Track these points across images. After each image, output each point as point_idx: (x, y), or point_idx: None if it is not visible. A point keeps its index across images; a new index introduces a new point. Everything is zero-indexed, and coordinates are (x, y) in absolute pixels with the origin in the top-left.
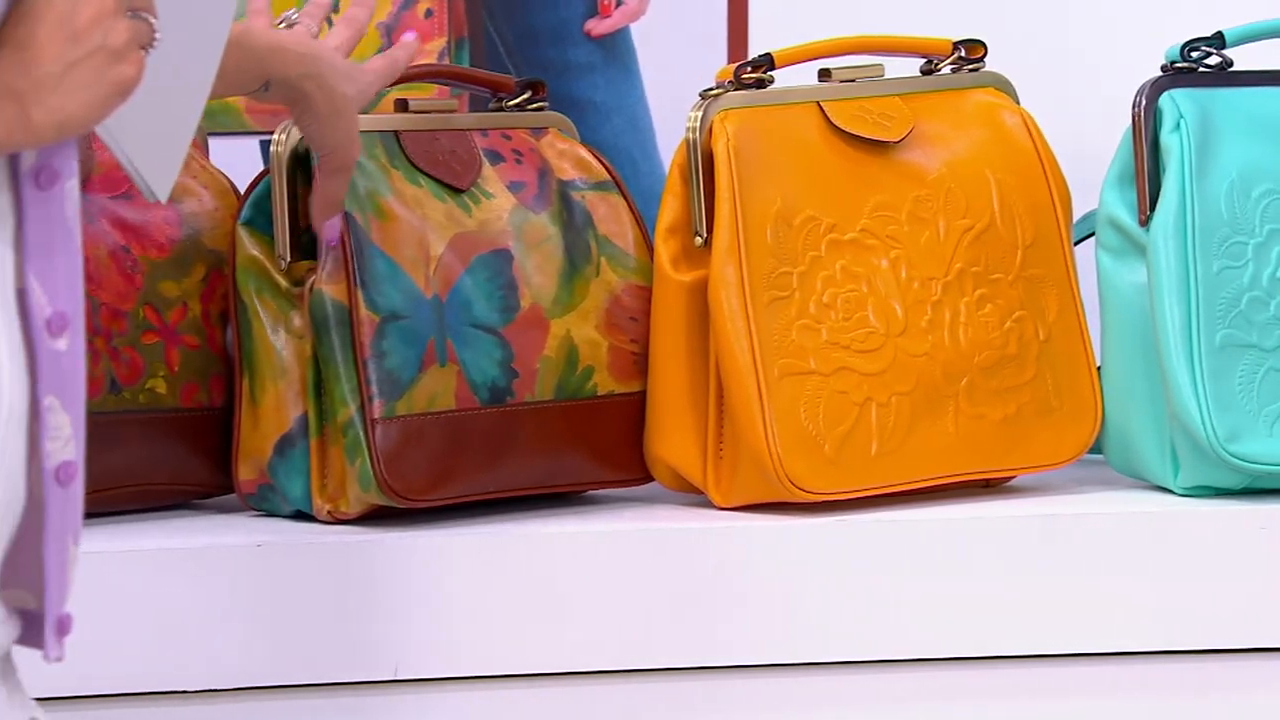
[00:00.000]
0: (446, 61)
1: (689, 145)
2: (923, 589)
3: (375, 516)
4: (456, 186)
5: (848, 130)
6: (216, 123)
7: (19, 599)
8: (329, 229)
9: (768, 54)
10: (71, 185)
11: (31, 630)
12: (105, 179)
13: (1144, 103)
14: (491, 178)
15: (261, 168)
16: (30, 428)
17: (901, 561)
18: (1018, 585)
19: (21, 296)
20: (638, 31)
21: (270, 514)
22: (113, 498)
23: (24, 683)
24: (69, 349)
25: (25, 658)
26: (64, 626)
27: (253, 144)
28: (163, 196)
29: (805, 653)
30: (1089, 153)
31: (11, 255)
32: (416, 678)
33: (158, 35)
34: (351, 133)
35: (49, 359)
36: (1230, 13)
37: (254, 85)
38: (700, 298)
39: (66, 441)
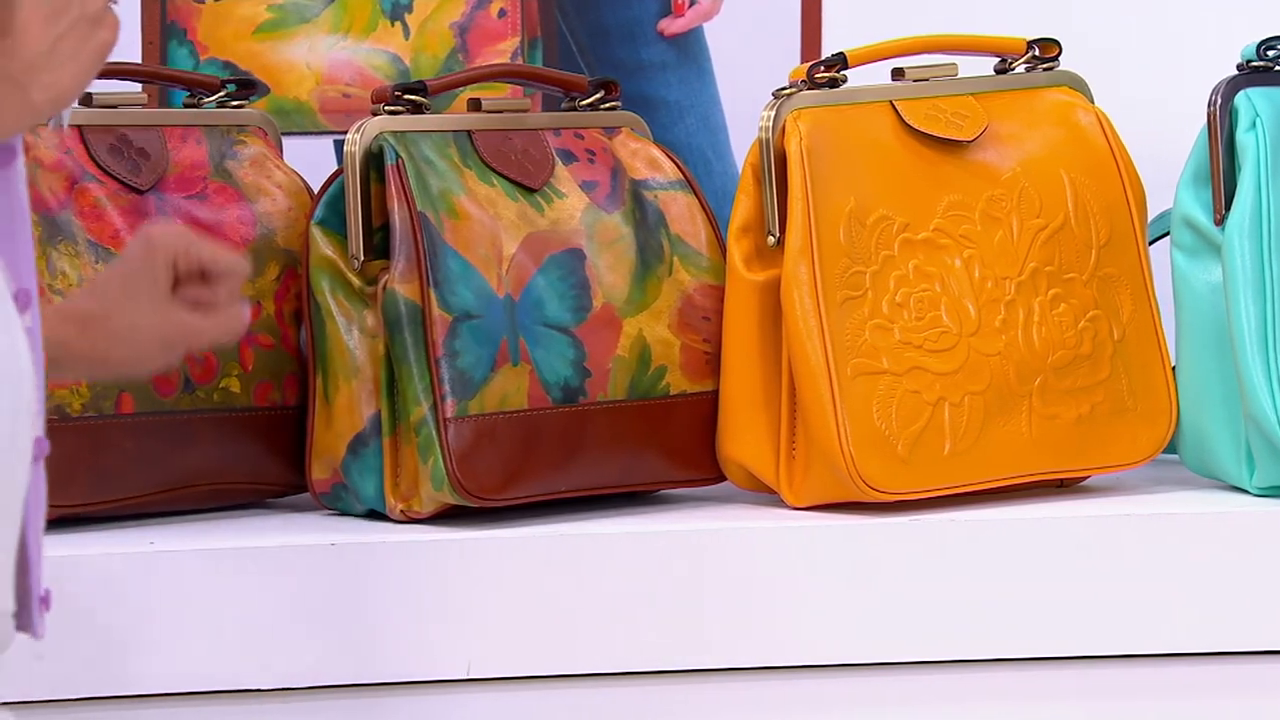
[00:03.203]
0: (519, 61)
1: (762, 144)
2: (996, 589)
3: (448, 516)
4: (529, 186)
5: (921, 129)
6: (291, 123)
7: None
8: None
9: (841, 53)
10: (21, 162)
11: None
12: (179, 179)
13: (1219, 101)
14: (564, 177)
15: (335, 167)
16: None
17: (975, 561)
18: (1092, 585)
19: None
20: (711, 31)
21: (343, 513)
22: (186, 496)
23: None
24: (32, 325)
25: (105, 659)
26: (47, 603)
27: (326, 144)
28: None
29: (878, 652)
30: (1164, 152)
31: None
32: (489, 677)
33: None
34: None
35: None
36: None
37: None
38: (773, 297)
39: (37, 418)
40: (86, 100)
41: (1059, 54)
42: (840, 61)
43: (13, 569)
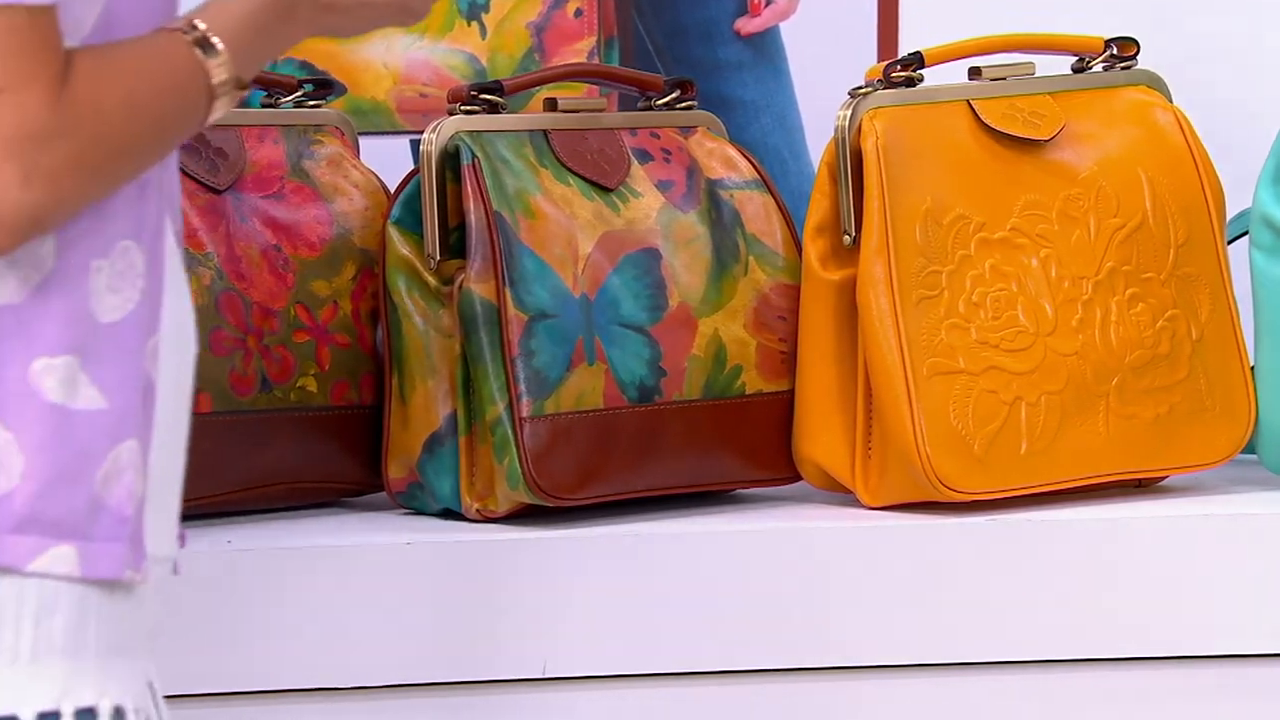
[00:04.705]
0: (596, 61)
1: (837, 144)
2: (1073, 589)
3: (523, 515)
4: (605, 185)
5: (998, 129)
6: (368, 122)
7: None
8: None
9: (917, 52)
10: None
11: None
12: (257, 178)
13: None
14: (640, 176)
15: (411, 167)
16: None
17: (1052, 561)
18: (1170, 586)
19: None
20: (787, 30)
21: (419, 512)
22: (263, 495)
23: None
24: None
25: (181, 658)
26: (183, 540)
27: (403, 143)
28: None
29: (954, 653)
30: (1243, 150)
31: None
32: (565, 676)
33: None
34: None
35: None
36: None
37: None
38: (849, 297)
39: None
40: None
41: (1137, 53)
42: (917, 61)
43: (178, 513)
